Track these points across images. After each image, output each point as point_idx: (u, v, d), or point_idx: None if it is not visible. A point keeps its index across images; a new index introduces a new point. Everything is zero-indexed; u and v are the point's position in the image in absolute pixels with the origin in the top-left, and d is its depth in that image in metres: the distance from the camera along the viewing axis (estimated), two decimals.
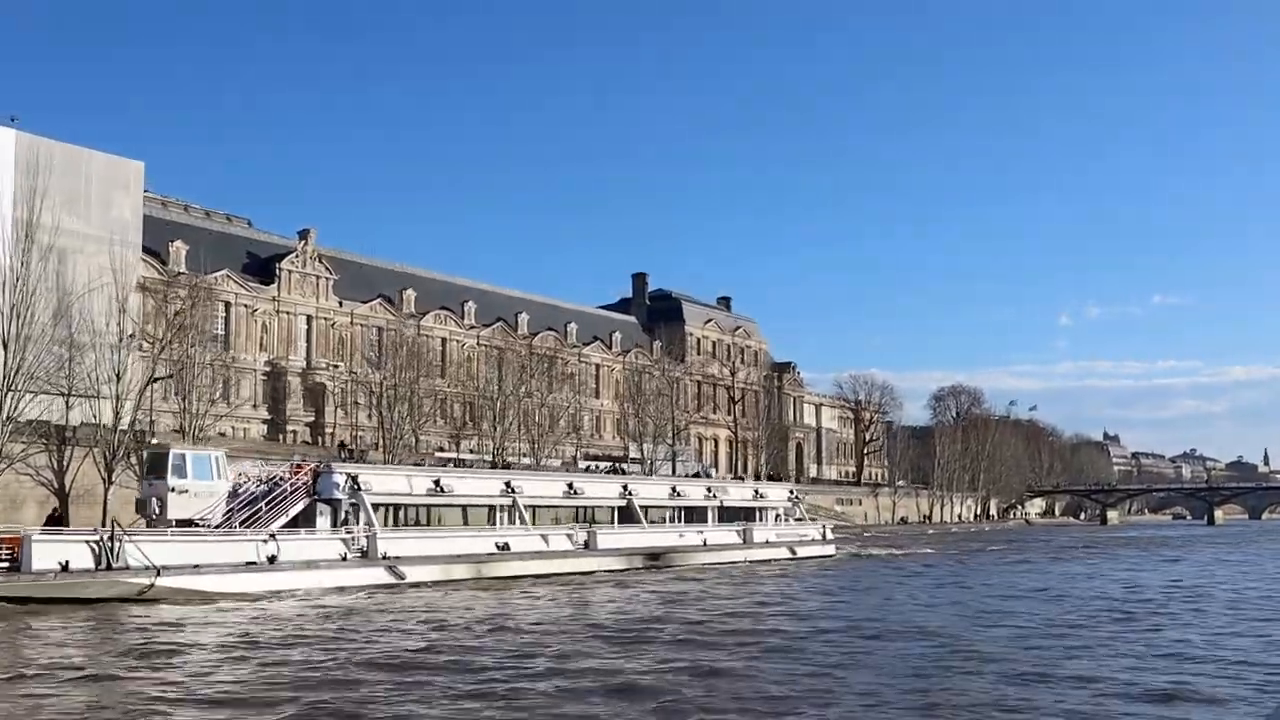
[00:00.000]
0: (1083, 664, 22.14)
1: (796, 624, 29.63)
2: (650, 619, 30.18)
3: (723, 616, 31.23)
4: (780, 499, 66.27)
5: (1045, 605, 35.28)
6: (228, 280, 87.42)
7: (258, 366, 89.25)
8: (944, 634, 26.96)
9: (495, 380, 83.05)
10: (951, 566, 59.22)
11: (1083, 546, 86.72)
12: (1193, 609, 34.34)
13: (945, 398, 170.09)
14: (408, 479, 44.80)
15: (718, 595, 38.86)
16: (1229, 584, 45.82)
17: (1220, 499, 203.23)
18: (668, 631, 27.10)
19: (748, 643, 25.33)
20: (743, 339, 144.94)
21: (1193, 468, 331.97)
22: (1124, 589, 42.63)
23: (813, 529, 66.94)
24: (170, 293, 65.66)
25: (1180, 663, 22.54)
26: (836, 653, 23.63)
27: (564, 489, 51.22)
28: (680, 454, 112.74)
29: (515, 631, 27.11)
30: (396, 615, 30.42)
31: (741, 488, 65.28)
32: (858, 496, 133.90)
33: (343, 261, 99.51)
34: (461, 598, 36.06)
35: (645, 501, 55.24)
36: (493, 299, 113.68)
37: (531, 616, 30.54)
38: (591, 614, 31.72)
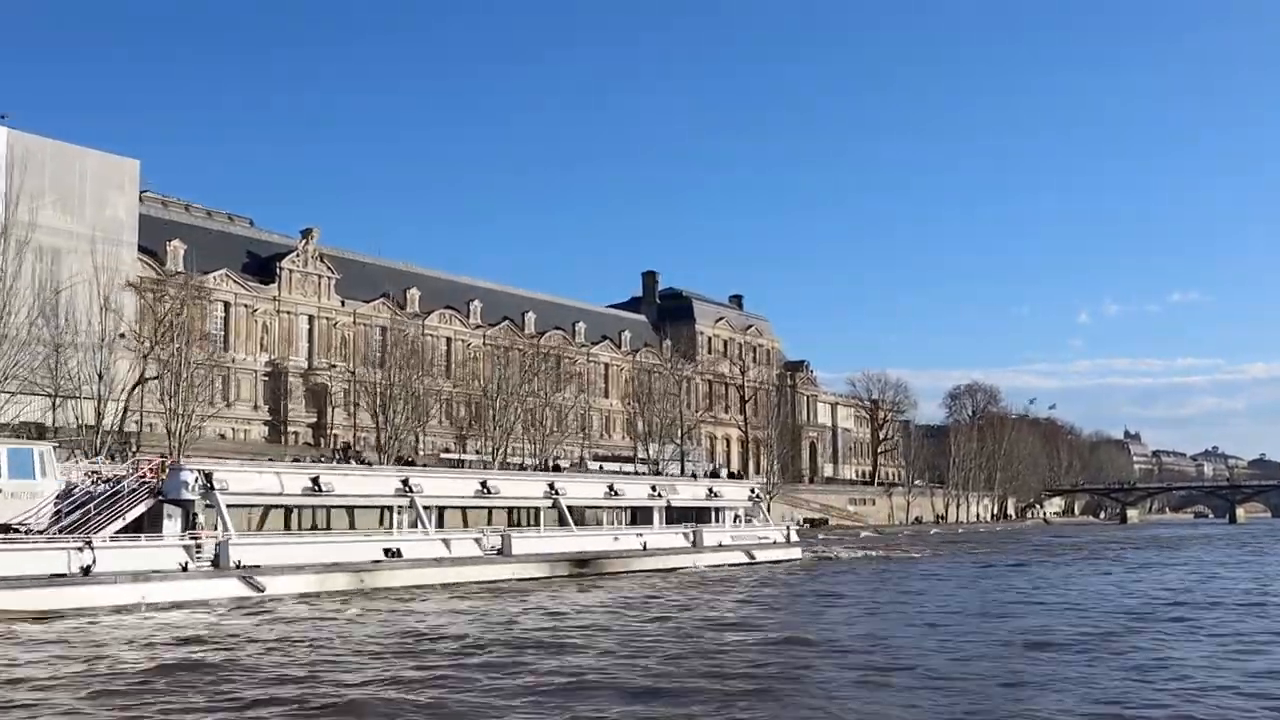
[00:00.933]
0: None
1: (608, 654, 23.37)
2: (446, 638, 25.61)
3: (538, 635, 26.36)
4: (739, 498, 61.31)
5: (993, 623, 29.88)
6: (227, 280, 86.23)
7: (258, 367, 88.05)
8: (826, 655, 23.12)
9: (495, 379, 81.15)
10: (926, 570, 54.67)
11: (1089, 547, 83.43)
12: (1188, 627, 29.24)
13: (961, 396, 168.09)
14: (278, 476, 39.67)
15: (591, 608, 33.38)
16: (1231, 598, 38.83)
17: (1242, 497, 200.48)
18: (441, 649, 23.59)
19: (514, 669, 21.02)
20: (754, 337, 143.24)
21: (1214, 465, 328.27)
22: (1105, 600, 37.55)
23: (774, 531, 62.21)
24: (161, 292, 64.21)
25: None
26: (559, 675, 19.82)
27: (476, 488, 46.51)
28: (690, 454, 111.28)
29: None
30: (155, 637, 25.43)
31: (693, 486, 59.99)
32: (871, 496, 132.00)
33: (345, 261, 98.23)
34: (295, 614, 30.82)
35: (576, 501, 50.58)
36: (499, 298, 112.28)
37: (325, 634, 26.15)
38: (391, 632, 27.12)
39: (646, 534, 52.20)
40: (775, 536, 61.38)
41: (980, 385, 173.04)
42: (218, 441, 79.03)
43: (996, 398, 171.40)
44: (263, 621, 28.90)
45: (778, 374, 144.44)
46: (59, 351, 54.44)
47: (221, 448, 66.30)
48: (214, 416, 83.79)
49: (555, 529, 48.39)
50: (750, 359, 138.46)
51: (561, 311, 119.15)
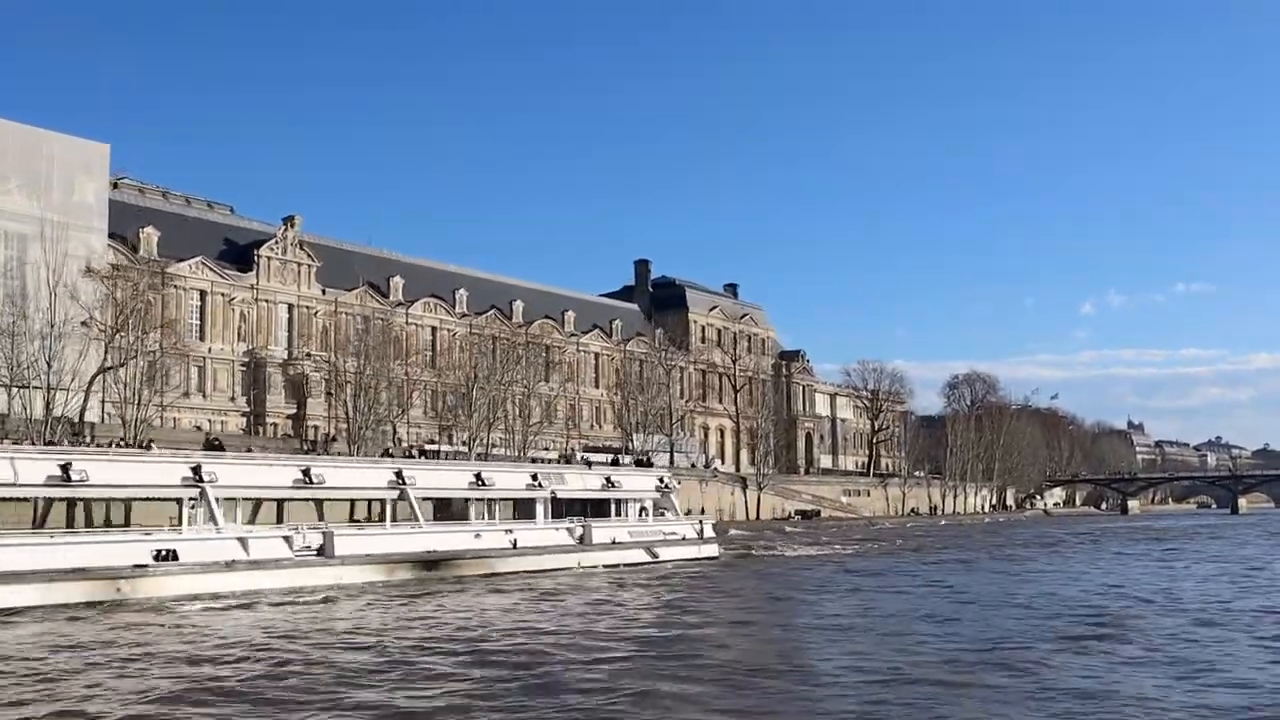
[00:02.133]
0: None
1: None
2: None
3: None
4: (644, 489, 55.04)
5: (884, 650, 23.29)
6: (202, 267, 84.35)
7: (235, 357, 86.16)
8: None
9: (472, 368, 79.19)
10: (857, 570, 48.17)
11: (1072, 540, 79.91)
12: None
13: (959, 385, 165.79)
14: (11, 463, 32.65)
15: (334, 626, 27.29)
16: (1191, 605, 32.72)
17: (1244, 487, 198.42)
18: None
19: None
20: (749, 326, 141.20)
21: (1218, 456, 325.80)
22: (1005, 614, 30.56)
23: (685, 526, 55.52)
24: (122, 279, 62.34)
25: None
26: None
27: (296, 477, 39.50)
28: (680, 444, 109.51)
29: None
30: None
31: (586, 475, 53.17)
32: (866, 487, 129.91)
33: (327, 249, 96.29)
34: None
35: (430, 492, 44.63)
36: (486, 286, 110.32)
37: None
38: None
39: (520, 530, 46.14)
40: (685, 532, 54.95)
41: (979, 374, 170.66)
42: (193, 434, 77.36)
43: (995, 387, 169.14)
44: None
45: (773, 364, 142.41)
46: (14, 340, 52.75)
47: (181, 439, 64.29)
48: (189, 408, 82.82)
49: (403, 524, 42.44)
50: (745, 348, 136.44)
51: (551, 300, 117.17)
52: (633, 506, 53.62)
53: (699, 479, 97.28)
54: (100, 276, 59.81)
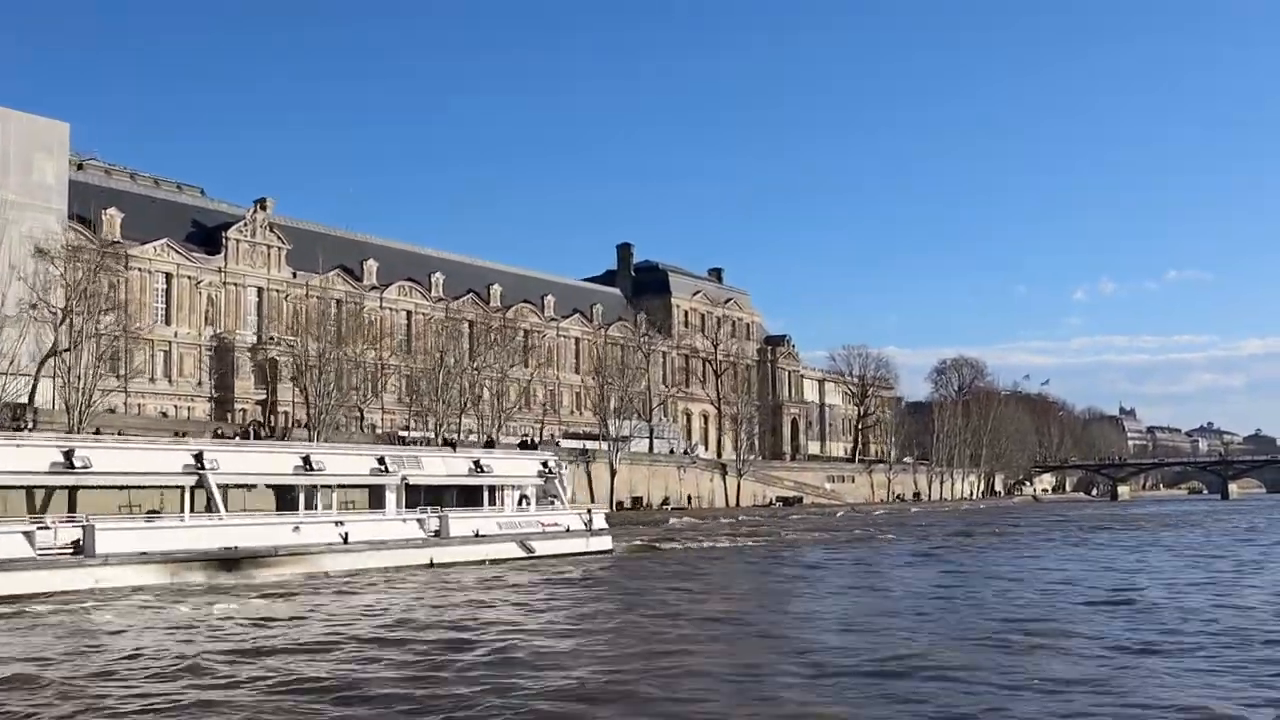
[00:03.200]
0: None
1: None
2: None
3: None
4: (524, 474, 49.37)
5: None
6: (168, 250, 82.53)
7: (202, 342, 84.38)
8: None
9: (440, 352, 77.53)
10: (753, 566, 44.67)
11: (1033, 527, 77.54)
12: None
13: (947, 371, 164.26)
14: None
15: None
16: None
17: (1235, 473, 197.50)
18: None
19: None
20: (733, 311, 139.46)
21: (1209, 442, 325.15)
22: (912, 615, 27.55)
23: (570, 516, 49.54)
24: (75, 260, 60.59)
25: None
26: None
27: (55, 460, 33.49)
28: (662, 430, 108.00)
29: None
30: None
31: (450, 459, 47.23)
32: (851, 474, 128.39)
33: (299, 231, 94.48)
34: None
35: (238, 479, 38.08)
36: (463, 270, 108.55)
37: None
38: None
39: (355, 522, 40.05)
40: (570, 523, 48.93)
41: (967, 359, 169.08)
42: (159, 420, 75.71)
43: (983, 372, 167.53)
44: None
45: (758, 349, 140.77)
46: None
47: (149, 426, 62.70)
48: (154, 394, 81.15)
49: (202, 516, 36.21)
50: (728, 333, 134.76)
51: (530, 284, 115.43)
52: (510, 495, 48.15)
53: (677, 465, 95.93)
54: (51, 258, 57.87)
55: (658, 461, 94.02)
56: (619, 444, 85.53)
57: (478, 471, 46.57)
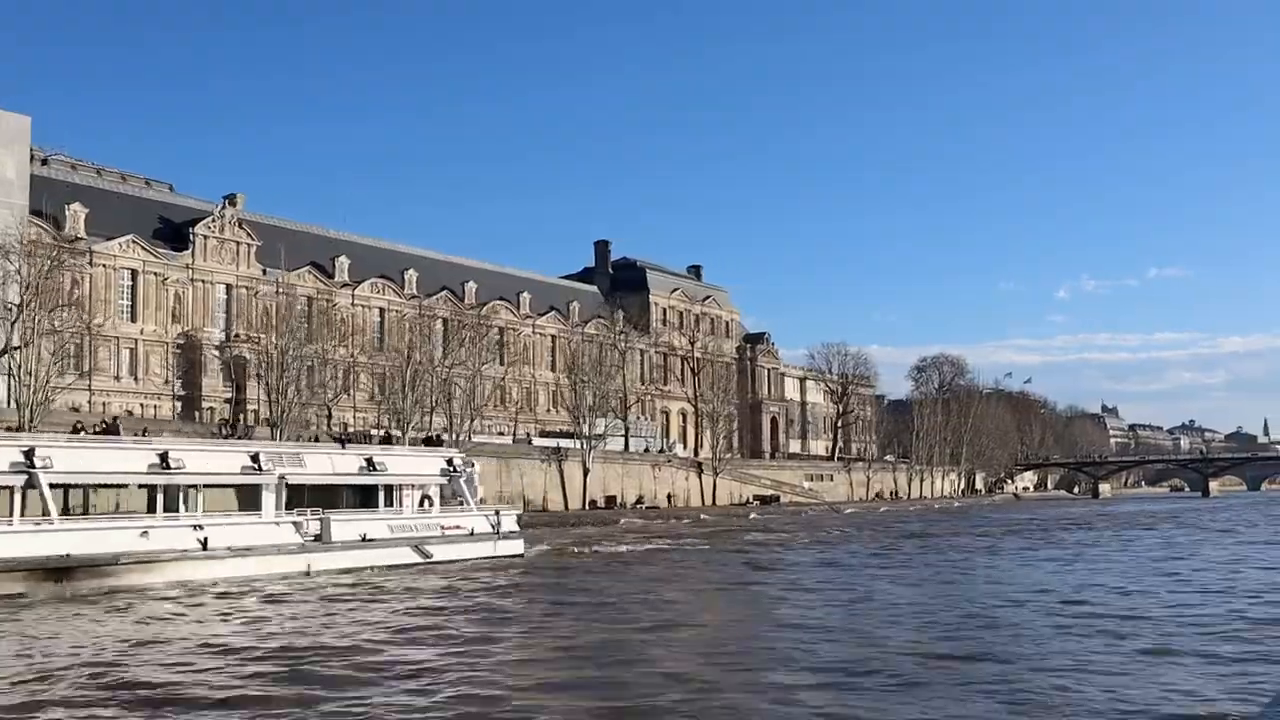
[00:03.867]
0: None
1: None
2: None
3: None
4: (423, 472, 45.67)
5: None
6: (133, 246, 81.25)
7: (169, 339, 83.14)
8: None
9: (407, 349, 76.51)
10: (667, 572, 40.58)
11: (991, 529, 72.27)
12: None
13: (927, 368, 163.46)
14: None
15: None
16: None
17: (1215, 470, 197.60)
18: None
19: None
20: (712, 308, 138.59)
21: (1191, 439, 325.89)
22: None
23: (477, 519, 45.56)
24: (30, 256, 59.36)
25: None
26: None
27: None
28: (639, 428, 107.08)
29: None
30: None
31: (336, 456, 43.06)
32: (829, 472, 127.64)
33: (269, 227, 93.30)
34: None
35: (78, 478, 34.22)
36: (438, 267, 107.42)
37: None
38: None
39: (218, 526, 36.21)
40: (475, 526, 45.27)
41: (947, 357, 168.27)
42: (124, 420, 74.44)
43: (964, 370, 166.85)
44: None
45: (737, 347, 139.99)
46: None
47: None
48: (119, 392, 79.87)
49: (27, 520, 32.34)
50: (708, 330, 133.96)
51: (506, 281, 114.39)
52: (408, 495, 44.48)
53: (651, 464, 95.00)
54: (6, 253, 56.72)
55: (631, 460, 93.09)
56: (592, 442, 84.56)
57: (370, 470, 42.62)
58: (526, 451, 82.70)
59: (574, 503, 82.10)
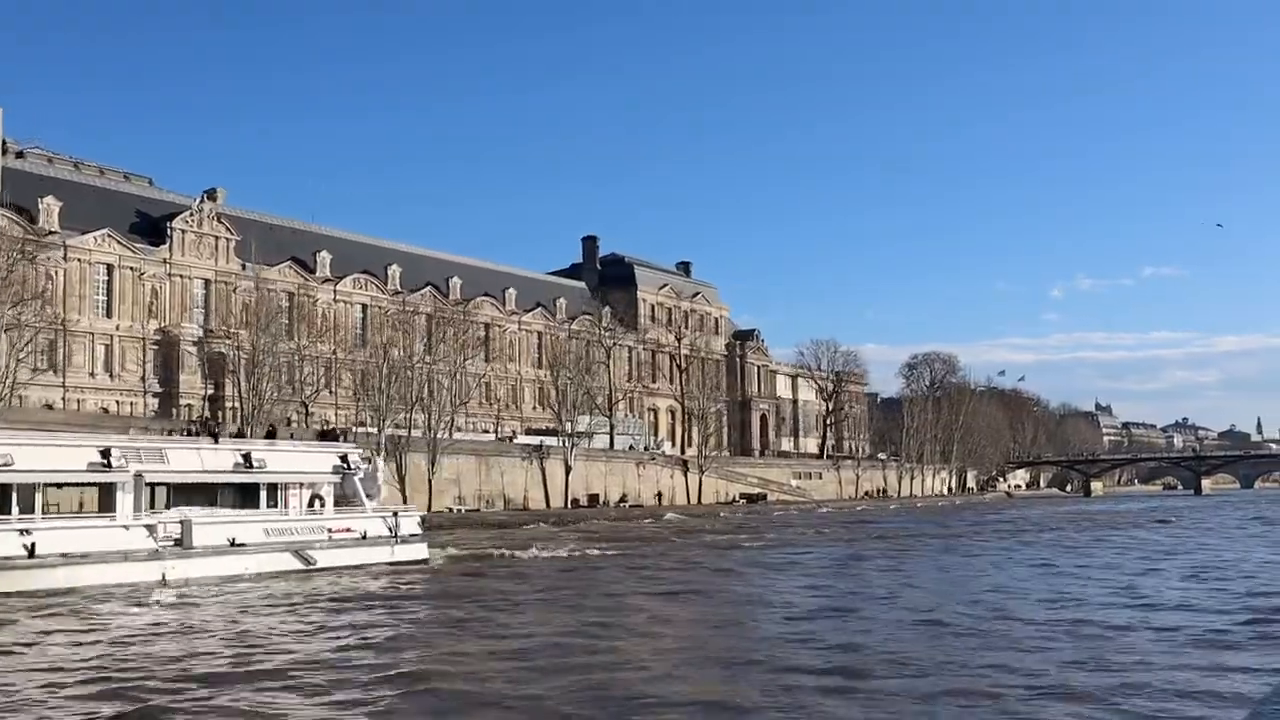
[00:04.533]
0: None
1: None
2: None
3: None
4: (313, 470, 41.38)
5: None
6: (109, 240, 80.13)
7: (146, 335, 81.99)
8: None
9: (384, 345, 75.49)
10: (578, 580, 36.61)
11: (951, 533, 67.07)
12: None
13: (918, 366, 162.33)
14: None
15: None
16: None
17: (1208, 468, 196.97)
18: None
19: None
20: (701, 305, 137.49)
21: (1184, 437, 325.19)
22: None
23: (373, 522, 41.48)
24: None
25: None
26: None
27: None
28: (627, 426, 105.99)
29: None
30: None
31: (210, 453, 38.17)
32: (819, 470, 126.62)
33: (249, 222, 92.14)
34: None
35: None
36: (422, 263, 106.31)
37: None
38: None
39: (52, 529, 32.54)
40: (371, 529, 41.20)
41: (938, 355, 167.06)
42: (100, 416, 73.31)
43: (955, 367, 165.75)
44: None
45: (726, 344, 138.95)
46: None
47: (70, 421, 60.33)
48: (94, 388, 78.75)
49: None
50: (696, 327, 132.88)
51: (491, 277, 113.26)
52: (295, 495, 40.09)
53: (636, 462, 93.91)
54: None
55: (615, 458, 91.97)
56: (574, 440, 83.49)
57: (247, 467, 38.36)
58: (506, 449, 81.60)
59: (556, 501, 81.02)
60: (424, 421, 76.42)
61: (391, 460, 71.38)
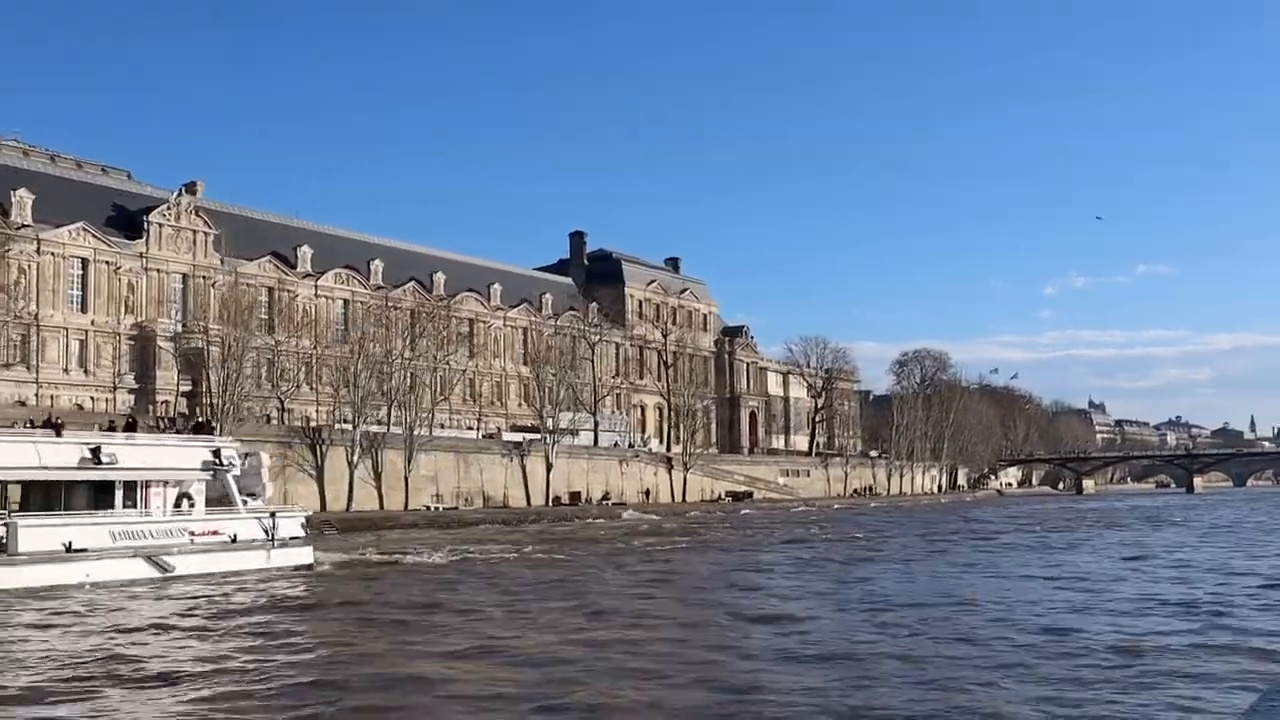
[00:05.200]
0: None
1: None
2: None
3: None
4: (179, 466, 37.20)
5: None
6: (84, 234, 78.90)
7: (123, 330, 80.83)
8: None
9: (357, 340, 74.45)
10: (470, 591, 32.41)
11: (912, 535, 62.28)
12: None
13: (909, 363, 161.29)
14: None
15: None
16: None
17: (1200, 466, 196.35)
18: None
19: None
20: (689, 301, 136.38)
21: (1178, 435, 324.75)
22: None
23: (244, 522, 37.44)
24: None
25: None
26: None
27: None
28: (613, 423, 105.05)
29: None
30: None
31: (49, 447, 34.15)
32: (806, 468, 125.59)
33: (230, 216, 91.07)
34: None
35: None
36: (405, 258, 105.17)
37: None
38: None
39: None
40: (240, 531, 37.14)
41: (929, 352, 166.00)
42: (73, 413, 72.24)
43: (946, 365, 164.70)
44: None
45: (715, 340, 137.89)
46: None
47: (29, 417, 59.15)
48: (68, 384, 77.59)
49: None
50: (685, 323, 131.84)
51: (476, 272, 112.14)
52: (158, 494, 36.19)
53: (619, 459, 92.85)
54: None
55: (598, 455, 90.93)
56: (555, 436, 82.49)
57: (95, 463, 34.24)
58: (486, 446, 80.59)
59: (537, 499, 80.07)
60: (404, 418, 75.58)
61: (367, 457, 70.69)
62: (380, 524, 61.39)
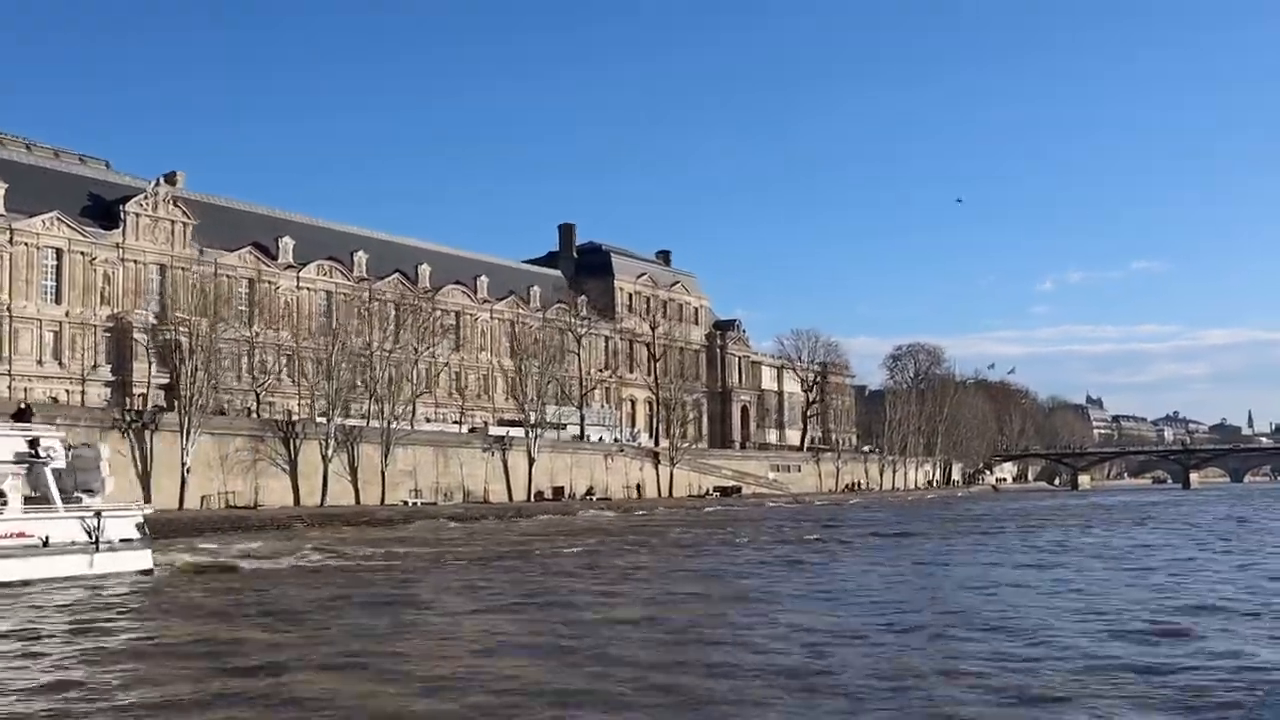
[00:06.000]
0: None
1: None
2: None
3: None
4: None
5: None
6: (58, 224, 77.45)
7: (99, 322, 79.46)
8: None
9: (333, 333, 73.11)
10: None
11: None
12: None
13: (902, 358, 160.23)
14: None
15: None
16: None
17: (1197, 462, 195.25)
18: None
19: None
20: (680, 294, 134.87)
21: (1175, 431, 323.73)
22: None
23: (62, 523, 32.12)
24: None
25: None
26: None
27: None
28: (602, 417, 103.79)
29: None
30: None
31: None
32: (797, 463, 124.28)
33: (209, 206, 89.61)
34: None
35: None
36: (390, 249, 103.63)
37: None
38: None
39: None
40: (55, 533, 31.85)
41: (923, 346, 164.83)
42: (48, 406, 70.94)
43: (940, 359, 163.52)
44: None
45: (706, 334, 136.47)
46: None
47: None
48: (41, 376, 76.20)
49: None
50: (676, 316, 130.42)
51: (463, 265, 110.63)
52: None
53: (604, 454, 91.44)
54: None
55: (583, 450, 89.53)
56: (539, 431, 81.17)
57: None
58: (467, 440, 79.26)
59: (518, 494, 78.72)
60: (383, 412, 74.29)
61: (343, 451, 69.38)
62: (354, 519, 60.02)
